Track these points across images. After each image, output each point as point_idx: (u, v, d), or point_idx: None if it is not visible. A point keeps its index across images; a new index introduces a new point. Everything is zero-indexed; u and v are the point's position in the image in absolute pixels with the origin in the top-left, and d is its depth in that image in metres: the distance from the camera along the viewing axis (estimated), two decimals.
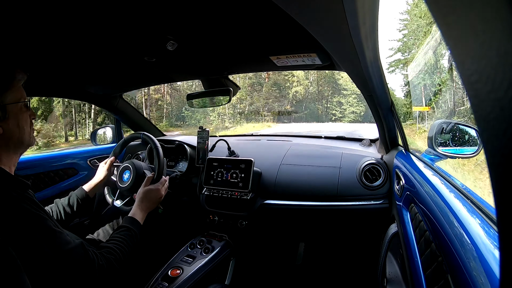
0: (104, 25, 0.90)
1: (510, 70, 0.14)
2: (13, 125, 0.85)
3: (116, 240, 1.00)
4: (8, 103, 0.83)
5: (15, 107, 0.86)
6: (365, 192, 1.42)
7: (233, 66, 1.42)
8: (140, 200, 1.24)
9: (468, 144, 1.15)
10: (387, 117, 1.33)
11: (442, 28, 0.18)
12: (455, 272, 0.54)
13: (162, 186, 1.34)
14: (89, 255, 0.83)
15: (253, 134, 2.59)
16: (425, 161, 1.14)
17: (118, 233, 1.04)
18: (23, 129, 0.88)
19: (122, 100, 2.00)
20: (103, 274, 0.85)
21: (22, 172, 1.55)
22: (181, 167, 1.88)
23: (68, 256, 0.78)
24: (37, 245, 0.73)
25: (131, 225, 1.09)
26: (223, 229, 1.64)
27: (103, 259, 0.87)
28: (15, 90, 0.86)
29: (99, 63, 1.29)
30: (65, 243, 0.79)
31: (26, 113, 0.90)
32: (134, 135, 1.58)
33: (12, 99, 0.85)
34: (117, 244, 0.97)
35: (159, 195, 1.30)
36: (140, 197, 1.25)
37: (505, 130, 0.15)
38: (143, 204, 1.23)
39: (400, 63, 26.08)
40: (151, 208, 1.26)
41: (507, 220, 0.17)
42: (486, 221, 0.59)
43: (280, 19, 0.85)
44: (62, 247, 0.78)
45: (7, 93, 0.83)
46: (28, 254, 0.72)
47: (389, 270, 1.15)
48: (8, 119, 0.83)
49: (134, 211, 1.18)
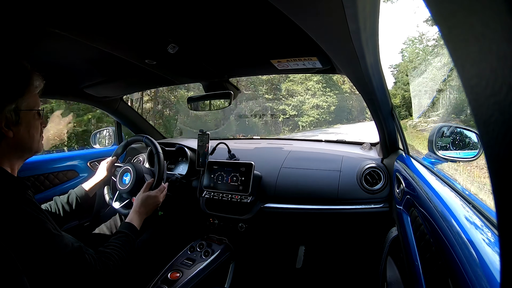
0: (106, 27, 0.91)
1: (510, 73, 0.14)
2: (24, 131, 0.85)
3: (114, 245, 1.00)
4: (22, 109, 0.83)
5: (29, 114, 0.86)
6: (365, 195, 1.42)
7: (234, 69, 1.42)
8: (138, 206, 1.25)
9: (469, 147, 1.15)
10: (387, 121, 1.33)
11: (443, 31, 0.18)
12: (455, 276, 0.54)
13: (161, 193, 1.35)
14: (87, 259, 0.84)
15: (253, 138, 2.59)
16: (426, 165, 1.14)
17: (116, 239, 1.04)
18: (33, 136, 0.89)
19: (122, 102, 2.01)
20: (100, 279, 0.86)
21: (22, 173, 1.55)
22: (181, 170, 1.88)
23: (66, 260, 0.78)
24: (36, 248, 0.74)
25: (129, 231, 1.11)
26: (223, 232, 1.63)
27: (100, 264, 0.88)
28: (31, 96, 0.86)
29: (100, 65, 1.30)
30: (63, 246, 0.79)
31: (38, 121, 0.90)
32: (136, 138, 1.58)
33: (27, 106, 0.85)
34: (115, 249, 0.98)
35: (157, 202, 1.31)
36: (138, 202, 1.26)
37: (505, 134, 0.15)
38: (141, 209, 1.24)
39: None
40: (148, 214, 1.27)
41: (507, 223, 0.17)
42: (487, 225, 0.59)
43: (281, 23, 0.85)
44: (61, 251, 0.78)
45: (23, 98, 0.84)
46: (26, 256, 0.72)
47: (389, 273, 1.15)
48: (20, 125, 0.84)
49: (132, 217, 1.19)
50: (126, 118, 2.11)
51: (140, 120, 2.19)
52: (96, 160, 1.95)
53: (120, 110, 2.03)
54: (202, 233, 1.69)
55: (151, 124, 2.29)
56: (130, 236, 1.08)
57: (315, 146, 1.96)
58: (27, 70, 0.85)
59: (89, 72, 1.40)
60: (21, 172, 1.53)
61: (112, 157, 1.51)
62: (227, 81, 1.59)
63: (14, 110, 0.81)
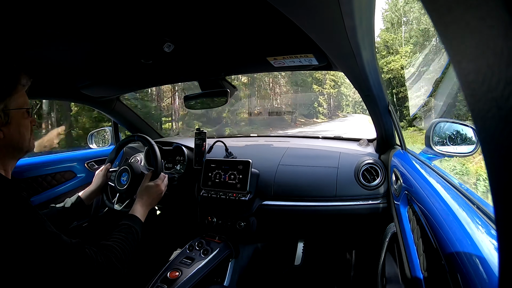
0: (101, 26, 0.90)
1: (507, 69, 0.14)
2: (14, 130, 0.85)
3: (116, 238, 0.98)
4: (11, 109, 0.83)
5: (18, 112, 0.85)
6: (363, 192, 1.43)
7: (230, 67, 1.42)
8: (140, 197, 1.23)
9: (465, 143, 1.15)
10: (384, 117, 1.33)
11: (439, 27, 0.18)
12: (453, 271, 0.54)
13: (162, 181, 1.33)
14: (87, 253, 0.82)
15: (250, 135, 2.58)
16: (423, 160, 1.14)
17: (118, 231, 1.02)
18: (23, 135, 0.88)
19: (119, 102, 2.00)
20: (103, 272, 0.84)
21: (19, 175, 1.54)
22: (179, 169, 1.88)
23: (66, 256, 0.77)
24: (35, 247, 0.73)
25: (132, 222, 1.08)
26: (222, 231, 1.63)
27: (102, 257, 0.86)
28: (19, 96, 0.86)
29: (95, 64, 1.29)
30: (63, 243, 0.79)
31: (27, 119, 0.90)
32: (128, 139, 1.58)
33: (16, 105, 0.84)
34: (117, 242, 0.96)
35: (159, 191, 1.29)
36: (140, 193, 1.24)
37: (502, 129, 0.15)
38: (144, 200, 1.22)
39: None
40: (152, 204, 1.25)
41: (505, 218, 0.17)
42: (485, 220, 0.59)
43: (277, 20, 0.85)
44: (60, 247, 0.77)
45: (11, 98, 0.83)
46: (26, 256, 0.71)
47: (388, 269, 1.15)
48: (10, 124, 0.83)
49: (134, 208, 1.17)
50: (122, 118, 2.10)
51: (137, 119, 2.18)
52: (93, 161, 1.94)
53: (117, 110, 2.01)
54: (201, 231, 1.69)
55: (148, 123, 2.28)
56: (133, 228, 1.05)
57: (312, 143, 1.96)
58: (14, 69, 0.85)
59: (85, 72, 1.39)
60: (18, 173, 1.53)
61: (106, 164, 1.50)
62: (224, 79, 1.58)
63: (3, 110, 0.81)
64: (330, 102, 31.02)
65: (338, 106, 35.63)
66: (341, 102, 36.41)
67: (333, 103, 32.57)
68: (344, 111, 37.34)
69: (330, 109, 30.88)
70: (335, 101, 33.33)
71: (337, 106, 35.36)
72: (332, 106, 32.08)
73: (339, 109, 36.12)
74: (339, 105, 36.33)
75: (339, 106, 36.29)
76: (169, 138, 2.28)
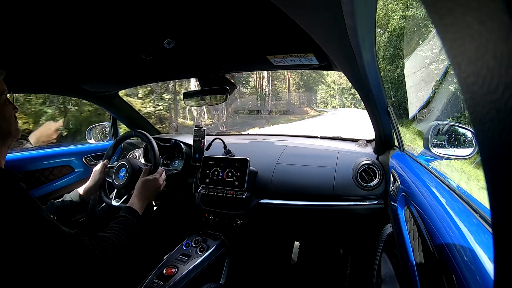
0: (101, 22, 0.90)
1: (507, 72, 0.14)
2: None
3: (113, 229, 0.98)
4: None
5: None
6: (360, 192, 1.43)
7: (230, 65, 1.42)
8: (138, 190, 1.23)
9: (464, 145, 1.16)
10: (383, 118, 1.33)
11: (439, 29, 0.18)
12: (449, 272, 0.54)
13: (160, 175, 1.34)
14: (85, 244, 0.83)
15: (249, 134, 2.58)
16: (421, 162, 1.14)
17: (116, 223, 1.02)
18: (9, 119, 0.90)
19: (118, 97, 1.99)
20: (100, 263, 0.84)
21: (17, 169, 1.53)
22: (177, 166, 1.88)
23: (64, 246, 0.78)
24: (33, 236, 0.73)
25: (129, 215, 1.08)
26: (219, 228, 1.64)
27: (99, 248, 0.86)
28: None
29: (95, 60, 1.29)
30: (60, 232, 0.79)
31: (9, 106, 0.91)
32: (125, 134, 1.57)
33: None
34: (113, 233, 0.96)
35: (157, 184, 1.29)
36: (138, 187, 1.24)
37: (500, 132, 0.15)
38: (141, 193, 1.22)
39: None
40: (150, 198, 1.25)
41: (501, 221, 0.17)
42: (481, 222, 0.60)
43: (277, 18, 0.85)
44: (57, 237, 0.77)
45: None
46: (24, 245, 0.72)
47: (384, 270, 1.16)
48: None
49: (132, 201, 1.17)
50: (122, 114, 2.10)
51: (136, 115, 2.18)
52: (91, 156, 1.94)
53: (116, 106, 2.01)
54: (198, 228, 1.69)
55: (146, 119, 2.28)
56: (130, 220, 1.06)
57: (310, 142, 1.96)
58: None
59: (85, 67, 1.39)
60: (16, 168, 1.52)
61: (103, 160, 1.50)
62: (223, 76, 1.58)
63: None
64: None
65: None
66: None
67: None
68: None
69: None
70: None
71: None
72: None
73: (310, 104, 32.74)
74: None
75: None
76: (167, 134, 2.28)
